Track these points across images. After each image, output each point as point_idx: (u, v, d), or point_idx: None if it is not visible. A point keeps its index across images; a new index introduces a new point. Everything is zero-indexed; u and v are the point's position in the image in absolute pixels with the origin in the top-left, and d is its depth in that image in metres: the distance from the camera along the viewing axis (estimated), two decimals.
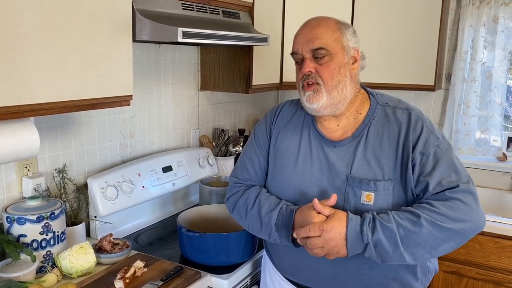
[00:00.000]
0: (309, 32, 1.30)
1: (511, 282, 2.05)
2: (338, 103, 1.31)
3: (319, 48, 1.27)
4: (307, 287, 1.38)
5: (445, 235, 1.18)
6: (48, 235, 1.42)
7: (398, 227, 1.17)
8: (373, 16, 2.38)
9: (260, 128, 1.51)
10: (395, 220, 1.18)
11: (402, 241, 1.16)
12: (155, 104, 2.10)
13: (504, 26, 2.43)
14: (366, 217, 1.19)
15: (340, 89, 1.29)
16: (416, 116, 1.31)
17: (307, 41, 1.29)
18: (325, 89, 1.29)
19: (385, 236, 1.16)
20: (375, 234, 1.16)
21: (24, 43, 1.15)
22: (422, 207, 1.20)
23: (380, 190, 1.25)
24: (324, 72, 1.28)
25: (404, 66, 2.39)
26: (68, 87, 1.28)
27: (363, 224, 1.18)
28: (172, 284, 1.41)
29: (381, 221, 1.17)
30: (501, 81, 2.47)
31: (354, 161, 1.29)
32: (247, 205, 1.40)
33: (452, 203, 1.18)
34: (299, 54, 1.32)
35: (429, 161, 1.24)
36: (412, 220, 1.17)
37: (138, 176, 1.88)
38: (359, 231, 1.17)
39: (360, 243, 1.18)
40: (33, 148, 1.33)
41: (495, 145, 2.56)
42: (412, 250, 1.17)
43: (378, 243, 1.16)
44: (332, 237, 1.17)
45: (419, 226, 1.16)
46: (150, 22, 1.46)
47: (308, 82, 1.30)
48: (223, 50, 2.23)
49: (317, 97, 1.29)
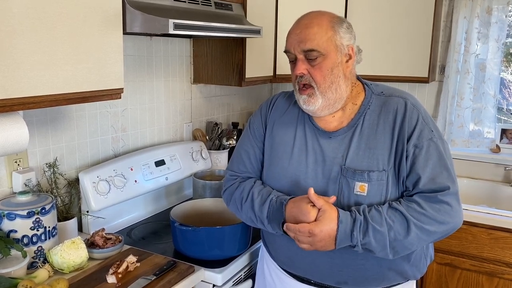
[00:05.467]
0: (301, 32, 1.28)
1: (505, 273, 2.06)
2: (334, 103, 1.31)
3: (311, 50, 1.26)
4: (304, 278, 1.39)
5: (430, 237, 1.24)
6: (39, 231, 1.41)
7: (389, 230, 1.20)
8: (366, 7, 2.37)
9: (255, 119, 1.50)
10: (387, 223, 1.20)
11: (390, 244, 1.20)
12: (147, 98, 2.08)
13: (498, 18, 2.42)
14: (357, 219, 1.20)
15: (334, 89, 1.29)
16: (412, 104, 1.31)
17: (299, 41, 1.28)
18: (319, 91, 1.29)
19: (375, 239, 1.20)
20: (366, 238, 1.20)
21: (11, 34, 1.13)
22: (412, 209, 1.22)
23: (374, 181, 1.26)
24: (316, 74, 1.28)
25: (398, 58, 2.38)
26: (57, 80, 1.26)
27: (353, 228, 1.20)
28: (165, 278, 1.40)
29: (373, 226, 1.19)
30: (495, 73, 2.47)
31: (349, 151, 1.30)
32: (242, 198, 1.40)
33: (440, 207, 1.22)
34: (291, 53, 1.31)
35: (421, 154, 1.25)
36: (402, 224, 1.21)
37: (131, 170, 1.87)
38: (349, 234, 1.20)
39: (349, 243, 1.21)
40: (22, 142, 1.31)
41: (489, 137, 2.57)
42: (397, 250, 1.22)
43: (367, 244, 1.21)
44: (321, 239, 1.20)
45: (409, 232, 1.20)
46: (141, 13, 1.44)
47: (302, 84, 1.30)
48: (216, 42, 2.21)
49: (312, 101, 1.30)
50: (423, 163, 1.24)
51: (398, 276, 1.34)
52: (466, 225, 2.08)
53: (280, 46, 2.32)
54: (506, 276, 2.06)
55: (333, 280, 1.34)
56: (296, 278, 1.40)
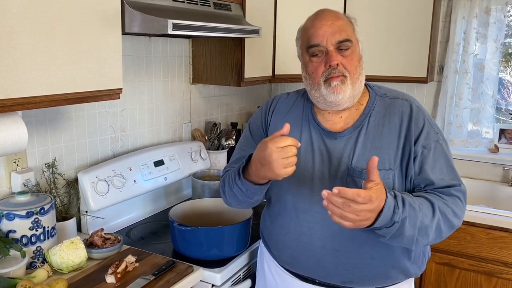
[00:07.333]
0: (332, 24, 1.28)
1: (503, 272, 2.07)
2: (356, 95, 1.32)
3: (345, 40, 1.27)
4: (309, 277, 1.38)
5: (446, 228, 1.23)
6: (38, 231, 1.41)
7: (419, 211, 1.17)
8: (365, 7, 2.37)
9: (255, 120, 1.51)
10: (418, 203, 1.19)
11: (420, 226, 1.16)
12: (146, 98, 2.08)
13: (496, 18, 2.42)
14: (397, 195, 1.16)
15: (360, 81, 1.31)
16: (417, 107, 1.33)
17: (333, 32, 1.27)
18: (350, 81, 1.29)
19: (409, 218, 1.14)
20: (404, 213, 1.13)
21: (10, 35, 1.13)
22: (434, 196, 1.23)
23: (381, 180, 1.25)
24: (349, 65, 1.29)
25: (396, 58, 2.38)
26: (56, 80, 1.26)
27: (397, 203, 1.13)
28: (164, 278, 1.40)
29: (410, 203, 1.16)
30: (493, 73, 2.47)
31: (355, 151, 1.30)
32: (224, 182, 1.40)
33: (454, 200, 1.25)
34: (321, 46, 1.29)
35: (430, 155, 1.27)
36: (429, 208, 1.20)
37: (130, 170, 1.87)
38: (392, 209, 1.12)
39: (389, 221, 1.13)
40: (21, 142, 1.31)
41: (487, 137, 2.57)
42: (420, 236, 1.18)
43: (404, 221, 1.14)
44: (374, 208, 1.09)
45: (434, 216, 1.20)
46: (140, 14, 1.44)
47: (334, 75, 1.27)
48: (215, 42, 2.21)
49: (344, 88, 1.28)
50: (432, 163, 1.27)
51: (401, 274, 1.35)
52: (465, 225, 2.08)
53: (279, 46, 2.32)
54: (504, 276, 2.07)
55: (339, 279, 1.34)
56: (300, 278, 1.40)
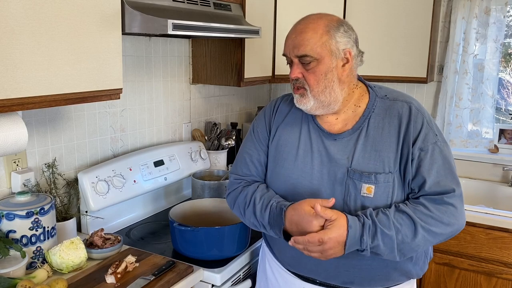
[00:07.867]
0: (295, 38, 1.30)
1: (503, 272, 2.07)
2: (329, 104, 1.32)
3: (304, 55, 1.28)
4: (310, 278, 1.39)
5: (435, 239, 1.25)
6: (38, 231, 1.41)
7: (397, 234, 1.21)
8: (365, 8, 2.37)
9: (259, 122, 1.50)
10: (394, 227, 1.21)
11: (398, 247, 1.21)
12: (146, 98, 2.08)
13: (496, 18, 2.43)
14: (366, 224, 1.21)
15: (328, 93, 1.30)
16: (417, 109, 1.32)
17: (294, 47, 1.30)
18: (311, 94, 1.31)
19: (384, 243, 1.20)
20: (375, 241, 1.20)
21: (10, 35, 1.13)
22: (419, 211, 1.23)
23: (381, 183, 1.27)
24: (310, 79, 1.30)
25: (396, 58, 2.38)
26: (56, 80, 1.26)
27: (363, 233, 1.20)
28: (164, 278, 1.40)
29: (382, 230, 1.20)
30: (493, 73, 2.48)
31: (354, 153, 1.30)
32: (245, 202, 1.40)
33: (446, 208, 1.24)
34: (288, 57, 1.34)
35: (427, 157, 1.26)
36: (410, 227, 1.22)
37: (130, 170, 1.87)
38: (359, 239, 1.20)
39: (358, 247, 1.22)
40: (21, 142, 1.31)
41: (487, 137, 2.57)
42: (404, 252, 1.23)
43: (376, 248, 1.21)
44: (331, 246, 1.19)
45: (416, 234, 1.21)
46: (140, 14, 1.44)
47: (297, 86, 1.33)
48: (215, 42, 2.21)
49: (304, 101, 1.32)
50: (428, 166, 1.26)
51: (402, 275, 1.35)
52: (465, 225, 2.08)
53: (279, 46, 2.32)
54: (504, 276, 2.07)
55: (339, 280, 1.34)
56: (301, 278, 1.41)
